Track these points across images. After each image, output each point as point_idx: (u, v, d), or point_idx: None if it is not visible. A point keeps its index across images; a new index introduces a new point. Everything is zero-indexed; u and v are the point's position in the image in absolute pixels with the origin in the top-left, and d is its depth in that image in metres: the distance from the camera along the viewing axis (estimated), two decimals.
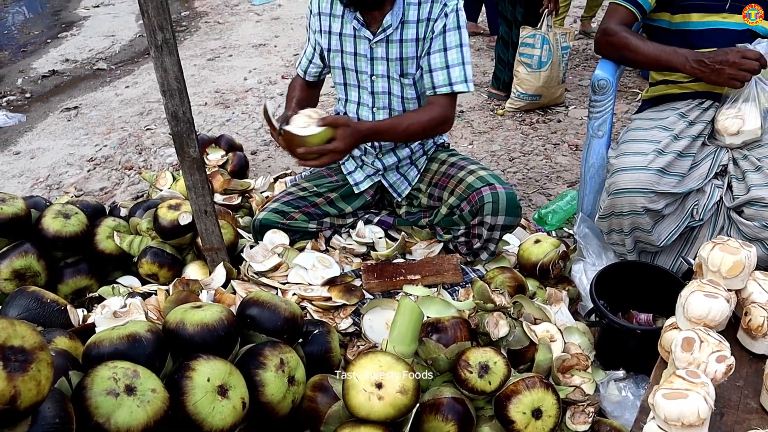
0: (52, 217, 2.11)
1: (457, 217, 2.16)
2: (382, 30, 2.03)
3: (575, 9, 5.74)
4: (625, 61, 2.14)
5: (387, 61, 2.09)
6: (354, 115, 2.25)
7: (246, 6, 7.24)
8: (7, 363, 0.96)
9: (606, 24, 2.07)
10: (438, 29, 2.02)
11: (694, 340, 1.44)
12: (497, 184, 2.07)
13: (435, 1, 2.01)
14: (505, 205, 2.04)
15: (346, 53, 2.13)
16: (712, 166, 1.95)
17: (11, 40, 6.75)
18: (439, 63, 2.04)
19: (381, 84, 2.14)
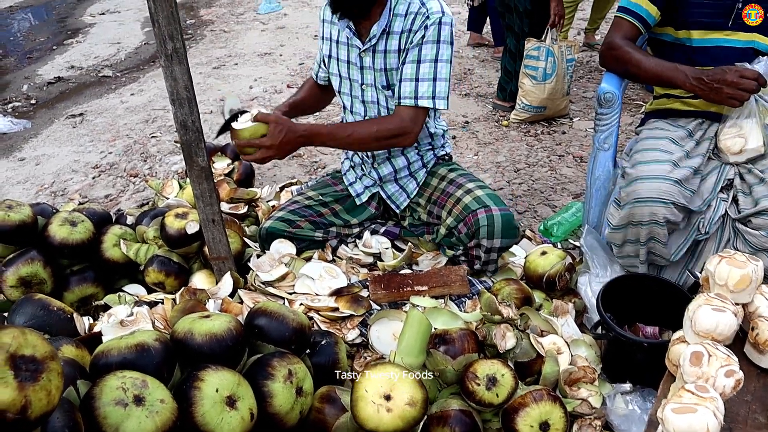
0: (58, 224, 2.11)
1: (455, 239, 2.17)
2: (369, 39, 2.05)
3: (579, 21, 5.76)
4: (629, 76, 2.16)
5: (374, 71, 2.10)
6: (350, 120, 2.26)
7: (251, 15, 7.28)
8: (18, 372, 0.96)
9: (610, 38, 2.09)
10: (415, 40, 1.99)
11: (702, 354, 1.44)
12: (493, 206, 2.05)
13: (419, 13, 1.99)
14: (500, 227, 2.04)
15: (341, 60, 2.16)
16: (717, 180, 1.95)
17: (17, 46, 6.78)
18: (409, 74, 2.01)
19: (371, 93, 2.15)
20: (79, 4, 8.54)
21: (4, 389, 0.92)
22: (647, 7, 2.03)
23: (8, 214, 2.05)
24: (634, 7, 2.04)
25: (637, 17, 2.04)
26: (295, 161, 3.69)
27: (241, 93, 4.88)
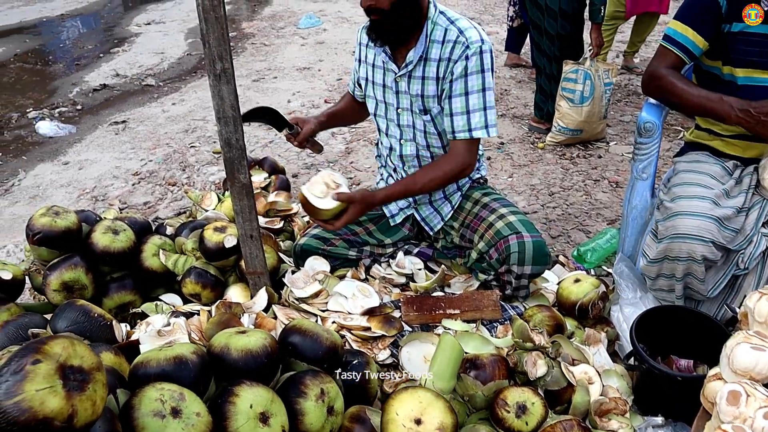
0: (101, 232, 2.18)
1: (486, 264, 2.18)
2: (405, 65, 2.07)
3: (618, 44, 5.72)
4: (671, 105, 2.12)
5: (410, 96, 2.12)
6: (387, 143, 2.29)
7: (292, 29, 7.40)
8: (67, 382, 1.00)
9: (653, 67, 2.05)
10: (458, 72, 2.01)
11: (740, 394, 1.42)
12: (525, 233, 2.05)
13: (457, 42, 2.00)
14: (531, 255, 2.03)
15: (377, 84, 2.19)
16: (759, 215, 1.92)
17: (66, 53, 7.01)
18: (459, 107, 2.04)
19: (406, 117, 2.17)
20: (127, 14, 8.80)
21: (53, 398, 0.96)
22: (693, 38, 1.98)
23: (55, 221, 2.12)
24: (680, 37, 2.00)
25: (681, 48, 2.00)
26: None
27: (280, 106, 4.95)
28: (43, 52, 7.09)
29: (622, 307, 2.15)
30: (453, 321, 1.99)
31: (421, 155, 2.24)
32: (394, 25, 1.97)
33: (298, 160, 3.99)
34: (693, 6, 1.98)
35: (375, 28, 2.01)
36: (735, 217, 1.89)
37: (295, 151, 4.13)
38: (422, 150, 2.22)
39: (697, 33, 1.96)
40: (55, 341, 1.02)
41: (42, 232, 2.10)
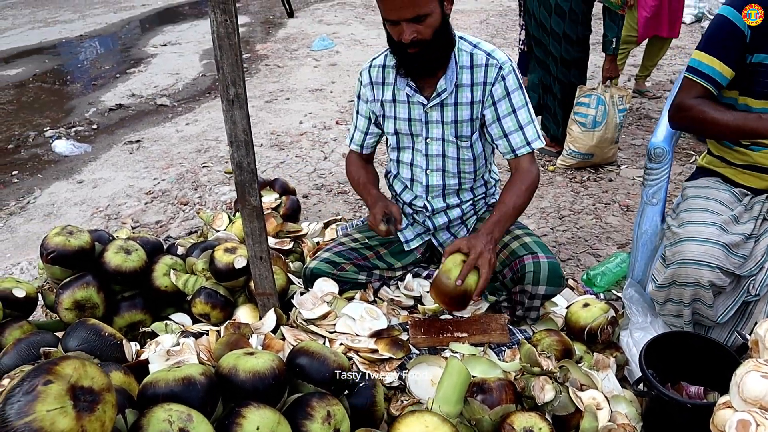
0: (114, 251, 2.20)
1: (499, 284, 2.17)
2: (437, 94, 2.06)
3: (630, 68, 5.75)
4: (705, 134, 2.08)
5: (442, 125, 2.12)
6: (407, 174, 2.27)
7: (305, 51, 7.50)
8: (77, 402, 1.02)
9: (680, 99, 2.00)
10: (498, 93, 2.05)
11: (749, 423, 1.41)
12: (540, 253, 2.06)
13: (489, 65, 2.03)
14: (546, 275, 2.03)
15: (400, 119, 2.16)
16: None
17: (84, 73, 7.14)
18: (512, 126, 2.07)
19: (435, 147, 2.17)
20: (144, 35, 8.97)
21: (63, 418, 0.98)
22: (720, 68, 1.92)
23: (69, 240, 2.15)
24: (705, 68, 1.94)
25: (707, 79, 1.94)
26: (341, 198, 3.76)
27: (291, 128, 5.01)
28: (61, 72, 7.24)
29: (631, 332, 2.14)
30: (460, 344, 1.99)
31: (448, 184, 2.23)
32: (434, 55, 1.96)
33: (309, 181, 4.03)
34: (717, 36, 1.93)
35: (413, 61, 1.96)
36: (743, 243, 1.89)
37: (306, 172, 4.17)
38: (450, 178, 2.22)
39: (723, 63, 1.92)
40: (66, 362, 1.04)
41: (56, 251, 2.13)
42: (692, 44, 6.68)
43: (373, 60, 2.21)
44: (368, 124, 2.29)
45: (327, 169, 4.19)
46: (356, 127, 2.34)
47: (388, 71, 2.15)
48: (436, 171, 2.21)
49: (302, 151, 4.55)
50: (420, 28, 1.87)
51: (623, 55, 5.05)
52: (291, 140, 4.76)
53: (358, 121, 2.32)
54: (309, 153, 4.50)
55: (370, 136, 2.33)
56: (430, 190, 2.25)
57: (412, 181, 2.28)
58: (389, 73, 2.15)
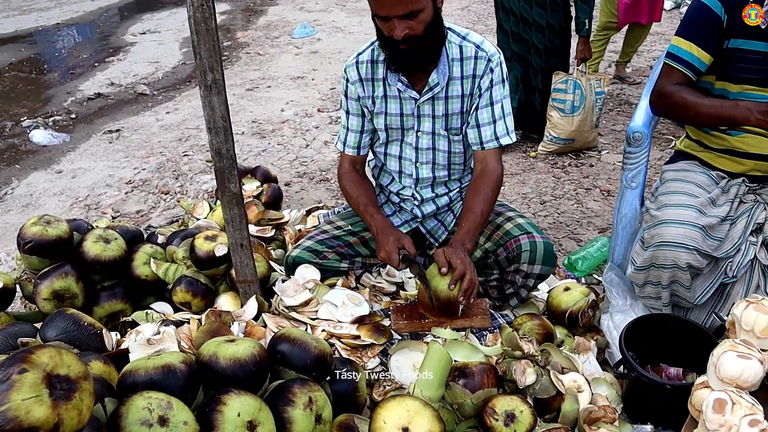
0: (93, 241, 2.18)
1: (492, 262, 2.17)
2: (429, 89, 2.04)
3: (610, 54, 5.77)
4: (685, 121, 2.10)
5: (433, 118, 2.10)
6: (395, 167, 2.24)
7: (286, 39, 7.44)
8: (53, 391, 1.00)
9: (660, 86, 2.02)
10: (485, 85, 2.03)
11: (725, 402, 1.43)
12: (535, 234, 2.07)
13: (479, 58, 2.02)
14: (542, 254, 2.04)
15: (391, 115, 2.12)
16: (747, 224, 1.94)
17: (61, 62, 7.02)
18: (486, 118, 2.07)
19: (426, 140, 2.14)
20: (122, 23, 8.83)
21: (39, 407, 0.96)
22: (698, 54, 1.94)
23: (46, 230, 2.12)
24: (684, 54, 1.96)
25: (686, 65, 1.97)
26: (323, 185, 3.75)
27: (273, 116, 4.97)
28: (38, 60, 7.11)
29: (612, 315, 2.16)
30: (442, 329, 2.00)
31: (438, 176, 2.22)
32: (426, 50, 1.94)
33: (291, 169, 4.01)
34: (694, 21, 1.95)
35: (405, 56, 1.93)
36: (720, 225, 1.91)
37: (287, 160, 4.15)
38: (440, 170, 2.21)
39: (702, 49, 1.94)
40: (42, 351, 1.03)
41: (33, 241, 2.10)
42: (672, 30, 6.72)
43: (359, 55, 2.13)
44: (362, 123, 2.20)
45: (309, 157, 4.17)
46: (348, 129, 2.22)
47: (377, 66, 2.09)
48: (425, 164, 2.19)
49: (284, 138, 4.52)
50: (412, 24, 1.83)
51: (603, 41, 5.07)
52: (272, 128, 4.73)
53: (350, 122, 2.21)
54: (291, 141, 4.47)
55: (366, 134, 2.23)
56: (420, 182, 2.23)
57: (401, 173, 2.25)
58: (378, 68, 2.09)
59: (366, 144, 2.26)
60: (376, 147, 2.27)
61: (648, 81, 2.29)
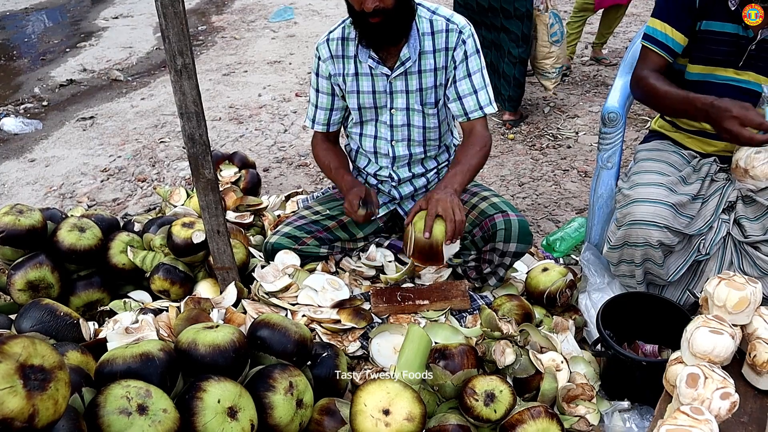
0: (67, 230, 2.14)
1: (469, 242, 2.18)
2: (401, 63, 2.04)
3: (587, 35, 5.78)
4: (659, 110, 2.12)
5: (406, 93, 2.11)
6: (371, 147, 2.25)
7: (262, 22, 7.34)
8: (27, 381, 0.99)
9: (637, 70, 2.03)
10: (459, 57, 2.05)
11: (698, 376, 1.45)
12: (510, 212, 2.09)
13: (450, 30, 2.03)
14: (517, 232, 2.06)
15: (363, 93, 2.13)
16: (719, 202, 1.97)
17: (31, 48, 6.87)
18: (467, 89, 2.08)
19: (400, 117, 2.15)
20: (93, 7, 8.65)
21: (13, 398, 0.95)
22: (673, 35, 1.95)
23: (18, 219, 2.09)
24: (660, 36, 1.97)
25: (663, 47, 1.97)
26: (302, 170, 3.72)
27: (250, 101, 4.92)
28: (6, 46, 6.94)
29: (589, 294, 2.19)
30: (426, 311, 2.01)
31: (413, 153, 2.22)
32: (397, 24, 1.94)
33: (269, 154, 3.98)
34: (669, 2, 1.96)
35: (375, 30, 1.93)
36: (691, 203, 1.94)
37: (265, 145, 4.11)
38: (415, 147, 2.21)
39: (676, 30, 1.95)
40: (14, 341, 1.01)
41: (5, 231, 2.07)
42: (647, 12, 6.75)
43: (330, 33, 2.13)
44: (332, 101, 2.21)
45: (287, 142, 4.14)
46: (317, 106, 2.24)
47: (348, 44, 2.10)
48: (401, 141, 2.20)
49: (262, 124, 4.48)
50: None
51: (580, 23, 5.08)
52: (250, 113, 4.68)
53: (319, 100, 2.22)
54: (269, 126, 4.43)
55: (336, 112, 2.24)
56: (396, 161, 2.24)
57: (376, 153, 2.26)
58: (349, 45, 2.10)
59: (336, 121, 2.28)
60: (351, 129, 2.27)
61: (622, 62, 2.30)
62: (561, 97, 4.74)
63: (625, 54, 2.30)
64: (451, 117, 2.27)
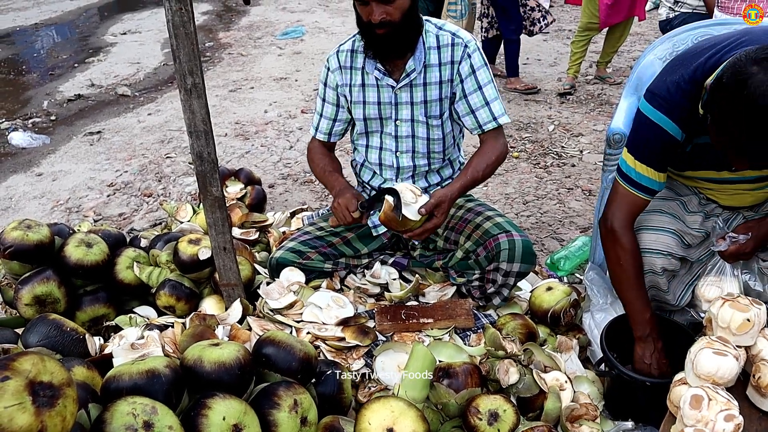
0: (74, 245, 2.16)
1: (473, 262, 2.19)
2: (406, 75, 2.09)
3: (591, 54, 5.82)
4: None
5: (411, 105, 2.15)
6: (376, 159, 2.28)
7: (269, 39, 7.41)
8: (36, 398, 1.00)
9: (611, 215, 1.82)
10: (465, 71, 2.09)
11: (702, 398, 1.46)
12: (514, 232, 2.10)
13: (455, 45, 2.09)
14: (521, 252, 2.07)
15: (369, 103, 2.18)
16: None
17: (40, 63, 6.94)
18: (479, 102, 2.12)
19: (405, 128, 2.19)
20: (102, 23, 8.74)
21: (22, 414, 0.96)
22: (655, 177, 1.74)
23: (27, 234, 2.11)
24: (641, 179, 1.74)
25: (643, 189, 1.76)
26: (307, 187, 3.74)
27: (256, 117, 4.96)
28: (16, 61, 7.02)
29: (593, 314, 2.19)
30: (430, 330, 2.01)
31: (417, 165, 2.26)
32: (403, 37, 2.01)
33: (274, 170, 4.00)
34: (649, 144, 1.71)
35: (381, 42, 2.00)
36: (693, 229, 1.93)
37: (271, 161, 4.14)
38: (420, 159, 2.25)
39: (657, 171, 1.74)
40: (24, 357, 1.02)
41: (14, 246, 2.09)
42: (651, 31, 6.80)
43: (341, 45, 2.21)
44: (337, 111, 2.27)
45: (293, 159, 4.17)
46: (322, 115, 2.30)
47: (357, 56, 2.16)
48: (405, 152, 2.24)
49: (267, 140, 4.51)
50: (389, 9, 1.92)
51: (584, 42, 5.12)
52: (256, 129, 4.71)
53: (324, 109, 2.29)
54: (274, 142, 4.46)
55: (338, 123, 2.30)
56: (401, 173, 2.27)
57: (381, 165, 2.29)
58: (357, 57, 2.16)
59: (337, 132, 2.33)
60: (357, 140, 2.31)
61: (627, 82, 2.32)
62: (565, 115, 4.77)
63: (630, 75, 2.31)
64: (458, 131, 2.31)
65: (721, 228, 1.88)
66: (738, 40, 1.54)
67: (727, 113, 1.35)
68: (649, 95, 1.67)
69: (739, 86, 1.29)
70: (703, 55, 1.57)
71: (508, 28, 5.17)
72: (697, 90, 1.57)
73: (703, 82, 1.56)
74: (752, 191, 1.84)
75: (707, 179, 1.86)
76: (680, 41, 2.14)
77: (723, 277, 1.91)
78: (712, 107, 1.41)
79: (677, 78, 1.60)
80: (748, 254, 1.85)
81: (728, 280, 1.90)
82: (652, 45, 2.28)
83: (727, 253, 1.86)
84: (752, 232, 1.84)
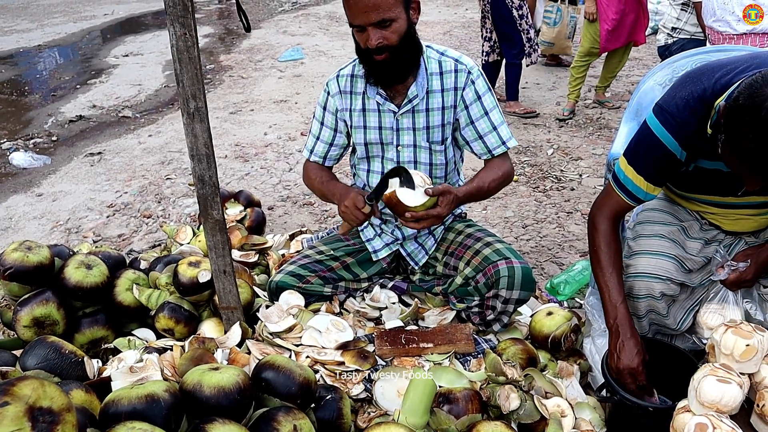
0: (74, 267, 2.16)
1: (472, 288, 2.18)
2: (408, 101, 2.09)
3: (590, 78, 5.88)
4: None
5: (413, 131, 2.14)
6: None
7: (270, 62, 7.47)
8: (36, 424, 0.99)
9: (597, 208, 1.89)
10: (469, 97, 2.10)
11: (706, 426, 1.45)
12: (513, 259, 2.09)
13: (458, 71, 2.09)
14: (520, 280, 2.06)
15: (370, 128, 2.17)
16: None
17: (42, 84, 6.99)
18: (486, 127, 2.13)
19: (407, 153, 2.18)
20: (105, 45, 8.83)
21: None
22: (643, 186, 1.76)
23: (27, 256, 2.10)
24: (630, 185, 1.78)
25: (629, 195, 1.80)
26: (306, 209, 3.75)
27: (256, 139, 4.99)
28: (18, 82, 7.07)
29: (594, 339, 2.18)
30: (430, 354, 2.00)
31: None
32: (402, 61, 1.99)
33: (274, 193, 4.01)
34: (647, 156, 1.73)
35: (381, 68, 1.99)
36: (693, 255, 1.93)
37: (271, 184, 4.15)
38: None
39: (651, 183, 1.76)
40: (24, 383, 1.02)
41: (13, 268, 2.08)
42: (650, 56, 6.87)
43: (341, 70, 2.20)
44: (334, 136, 2.26)
45: (292, 181, 4.18)
46: (318, 138, 2.29)
47: (357, 80, 2.16)
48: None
49: (267, 162, 4.52)
50: (386, 34, 1.90)
51: (584, 67, 5.17)
52: (256, 152, 4.73)
53: (321, 133, 2.27)
54: (274, 164, 4.47)
55: (335, 148, 2.29)
56: None
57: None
58: (358, 82, 2.15)
59: (333, 157, 2.32)
60: (359, 165, 2.30)
61: (627, 108, 2.34)
62: (564, 139, 4.80)
63: (630, 100, 2.33)
64: (460, 157, 2.31)
65: (722, 256, 1.88)
66: (748, 63, 1.58)
67: (743, 134, 1.38)
68: (657, 109, 1.69)
69: (756, 108, 1.34)
70: (714, 75, 1.60)
71: (511, 52, 5.24)
72: (705, 109, 1.60)
73: (713, 102, 1.58)
74: (755, 216, 1.85)
75: (711, 203, 1.87)
76: (680, 67, 2.16)
77: (725, 305, 1.91)
78: (727, 127, 1.44)
79: (686, 94, 1.63)
80: (749, 281, 1.86)
81: (730, 308, 1.90)
82: (651, 71, 2.30)
83: (728, 282, 1.87)
84: (752, 259, 1.85)
